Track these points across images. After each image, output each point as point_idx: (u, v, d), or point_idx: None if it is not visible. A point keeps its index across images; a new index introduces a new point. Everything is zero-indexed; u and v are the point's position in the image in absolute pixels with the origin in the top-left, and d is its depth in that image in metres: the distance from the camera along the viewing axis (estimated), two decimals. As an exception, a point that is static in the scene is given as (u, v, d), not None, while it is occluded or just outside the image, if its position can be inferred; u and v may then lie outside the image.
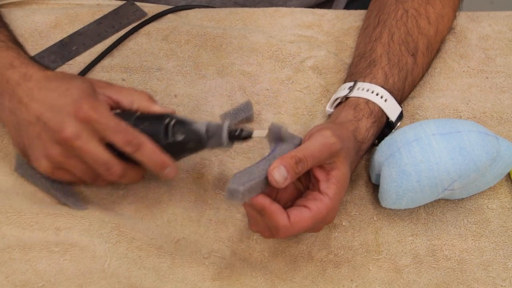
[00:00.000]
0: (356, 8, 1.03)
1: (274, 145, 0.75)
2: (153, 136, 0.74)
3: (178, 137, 0.75)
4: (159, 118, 0.76)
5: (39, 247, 0.77)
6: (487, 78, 0.96)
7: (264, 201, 0.71)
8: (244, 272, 0.79)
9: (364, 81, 0.85)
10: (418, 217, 0.84)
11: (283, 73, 0.95)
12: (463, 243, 0.82)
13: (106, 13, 0.99)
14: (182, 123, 0.75)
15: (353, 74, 0.88)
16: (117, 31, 0.97)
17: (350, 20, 1.02)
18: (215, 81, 0.94)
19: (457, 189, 0.81)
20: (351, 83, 0.86)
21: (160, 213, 0.82)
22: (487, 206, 0.85)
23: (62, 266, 0.76)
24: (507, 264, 0.81)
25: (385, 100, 0.84)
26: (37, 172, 0.80)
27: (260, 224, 0.74)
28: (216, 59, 0.96)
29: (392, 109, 0.85)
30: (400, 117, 0.86)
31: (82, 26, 0.97)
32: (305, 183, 0.77)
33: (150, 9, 1.00)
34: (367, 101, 0.83)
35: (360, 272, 0.80)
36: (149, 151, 0.74)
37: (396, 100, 0.85)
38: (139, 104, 0.77)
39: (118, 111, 0.78)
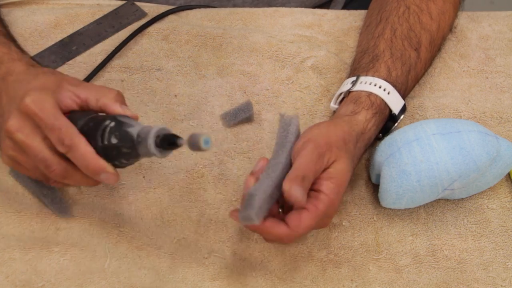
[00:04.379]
0: (354, 9, 1.03)
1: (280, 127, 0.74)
2: (92, 138, 0.70)
3: (112, 140, 0.69)
4: (103, 119, 0.71)
5: (39, 247, 0.77)
6: (487, 78, 0.96)
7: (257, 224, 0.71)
8: (244, 272, 0.79)
9: (366, 75, 0.86)
10: (418, 217, 0.84)
11: (283, 73, 0.95)
12: (463, 243, 0.82)
13: (106, 13, 0.99)
14: (119, 126, 0.69)
15: (356, 69, 0.89)
16: (117, 31, 0.97)
17: (350, 20, 1.02)
18: (215, 81, 0.94)
19: (457, 189, 0.81)
20: (354, 78, 0.86)
21: (160, 213, 0.82)
22: (487, 206, 0.85)
23: (62, 266, 0.76)
24: (507, 264, 0.81)
25: (388, 93, 0.84)
26: (28, 177, 0.80)
27: (268, 239, 0.75)
28: (216, 59, 0.96)
29: (395, 102, 0.85)
30: (403, 110, 0.86)
31: (82, 26, 0.97)
32: None
33: (150, 9, 1.00)
34: (369, 94, 0.84)
35: (360, 272, 0.80)
36: (82, 153, 0.69)
37: (400, 93, 0.85)
38: (103, 102, 0.72)
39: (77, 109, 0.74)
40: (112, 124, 0.69)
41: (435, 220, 0.84)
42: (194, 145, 0.65)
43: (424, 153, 0.79)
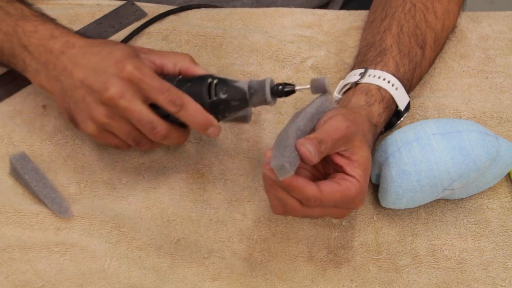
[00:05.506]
0: (353, 9, 1.03)
1: (319, 98, 0.76)
2: (196, 96, 0.75)
3: (221, 96, 0.75)
4: (201, 78, 0.77)
5: (39, 247, 0.77)
6: (487, 78, 0.96)
7: (290, 177, 0.70)
8: (244, 272, 0.79)
9: (375, 69, 0.85)
10: (418, 217, 0.84)
11: (283, 73, 0.95)
12: (463, 243, 0.82)
13: (106, 13, 0.99)
14: (224, 82, 0.76)
15: (362, 62, 0.88)
16: (117, 31, 0.97)
17: (350, 20, 1.02)
18: (215, 81, 0.94)
19: (457, 189, 0.81)
20: (362, 70, 0.86)
21: (160, 213, 0.82)
22: (487, 206, 0.85)
23: (62, 266, 0.76)
24: (507, 264, 0.81)
25: (396, 89, 0.84)
26: (28, 177, 0.80)
27: (288, 203, 0.73)
28: (216, 59, 0.96)
29: (401, 98, 0.85)
30: (408, 107, 0.86)
31: (82, 26, 0.97)
32: (325, 171, 0.77)
33: (150, 9, 1.00)
34: (379, 88, 0.84)
35: (360, 272, 0.80)
36: (192, 110, 0.75)
37: (405, 89, 0.86)
38: (182, 65, 0.79)
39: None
40: (216, 81, 0.76)
41: (435, 220, 0.84)
42: (319, 88, 0.74)
43: (424, 153, 0.79)
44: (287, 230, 0.82)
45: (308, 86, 0.74)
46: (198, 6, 1.02)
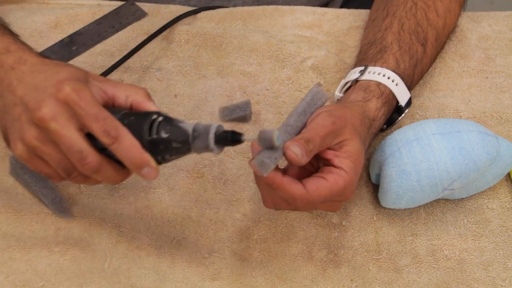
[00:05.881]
0: (351, 8, 1.03)
1: (311, 91, 0.74)
2: (137, 131, 0.69)
3: (162, 134, 0.68)
4: (146, 114, 0.71)
5: (39, 247, 0.77)
6: (487, 78, 0.96)
7: (275, 175, 0.70)
8: (244, 272, 0.79)
9: (375, 65, 0.86)
10: (418, 217, 0.84)
11: (283, 73, 0.95)
12: (463, 243, 0.82)
13: (106, 13, 0.99)
14: (169, 121, 0.70)
15: (363, 60, 0.89)
16: (117, 31, 0.97)
17: (350, 20, 1.02)
18: (215, 81, 0.94)
19: (457, 189, 0.81)
20: (362, 67, 0.86)
21: (160, 213, 0.82)
22: (487, 206, 0.85)
23: (62, 266, 0.76)
24: (507, 264, 0.81)
25: (396, 84, 0.84)
26: (28, 177, 0.80)
27: (276, 199, 0.73)
28: (216, 59, 0.96)
29: (402, 93, 0.85)
30: (409, 103, 0.86)
31: (82, 26, 0.97)
32: (318, 166, 0.76)
33: (150, 8, 1.00)
34: (378, 84, 0.84)
35: (360, 272, 0.80)
36: (127, 145, 0.68)
37: (406, 85, 0.86)
38: (134, 99, 0.72)
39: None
40: (160, 118, 0.69)
41: (435, 220, 0.84)
42: (267, 141, 0.67)
43: (424, 153, 0.79)
44: (287, 230, 0.82)
45: (255, 138, 0.68)
46: (212, 8, 1.01)
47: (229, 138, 0.68)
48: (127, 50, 0.95)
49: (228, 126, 0.89)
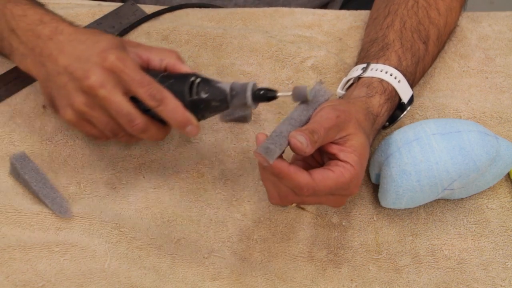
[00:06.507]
0: (353, 9, 1.03)
1: (314, 87, 0.76)
2: (178, 93, 0.75)
3: (202, 95, 0.75)
4: (184, 76, 0.76)
5: (39, 247, 0.77)
6: (487, 78, 0.96)
7: (281, 164, 0.70)
8: (244, 272, 0.79)
9: (377, 63, 0.86)
10: (418, 217, 0.84)
11: (283, 73, 0.95)
12: (463, 243, 0.82)
13: (106, 13, 0.99)
14: (207, 82, 0.75)
15: (365, 58, 0.89)
16: (117, 31, 0.97)
17: (350, 20, 1.02)
18: (215, 81, 0.94)
19: (457, 189, 0.81)
20: (364, 65, 0.86)
21: (160, 213, 0.82)
22: (487, 206, 0.85)
23: (62, 266, 0.76)
24: (506, 264, 0.81)
25: (399, 82, 0.84)
26: (28, 177, 0.80)
27: (282, 191, 0.73)
28: (216, 59, 0.96)
29: (404, 90, 0.85)
30: (411, 100, 0.86)
31: (82, 26, 0.97)
32: (323, 162, 0.77)
33: (150, 9, 1.00)
34: (381, 80, 0.84)
35: (360, 272, 0.80)
36: (171, 106, 0.74)
37: (409, 83, 0.86)
38: (168, 62, 0.78)
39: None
40: (198, 80, 0.75)
41: (435, 220, 0.84)
42: (301, 95, 0.73)
43: (424, 153, 0.79)
44: (287, 230, 0.82)
45: (290, 93, 0.74)
46: (198, 6, 1.02)
47: (265, 95, 0.74)
48: (127, 50, 0.96)
49: (228, 126, 0.89)
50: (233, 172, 0.86)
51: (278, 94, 0.74)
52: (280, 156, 0.71)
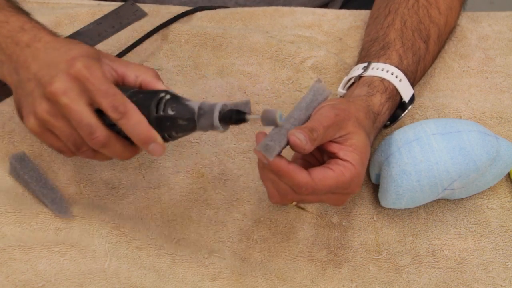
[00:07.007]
0: (353, 8, 1.03)
1: (314, 87, 0.75)
2: (144, 108, 0.71)
3: (168, 112, 0.71)
4: (155, 92, 0.73)
5: (39, 247, 0.77)
6: (487, 78, 0.96)
7: (280, 161, 0.70)
8: (244, 272, 0.79)
9: (378, 62, 0.86)
10: (418, 217, 0.84)
11: (283, 73, 0.95)
12: (463, 243, 0.82)
13: (106, 13, 0.99)
14: (176, 99, 0.72)
15: (366, 57, 0.89)
16: (117, 31, 0.97)
17: (350, 20, 1.02)
18: (215, 81, 0.94)
19: (457, 189, 0.81)
20: (365, 64, 0.86)
21: (160, 213, 0.82)
22: (487, 206, 0.85)
23: (62, 266, 0.76)
24: (507, 264, 0.81)
25: (400, 80, 0.85)
26: (28, 177, 0.80)
27: (282, 189, 0.73)
28: (216, 59, 0.96)
29: (405, 89, 0.85)
30: (412, 99, 0.87)
31: (82, 26, 0.97)
32: (320, 160, 0.77)
33: (150, 8, 1.00)
34: (382, 79, 0.84)
35: (360, 272, 0.80)
36: (134, 121, 0.70)
37: (409, 82, 0.86)
38: (143, 79, 0.75)
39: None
40: (168, 96, 0.71)
41: (435, 220, 0.84)
42: (270, 119, 0.70)
43: (424, 153, 0.79)
44: (287, 230, 0.82)
45: (259, 116, 0.71)
46: (207, 8, 1.01)
47: (234, 117, 0.70)
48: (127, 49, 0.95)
49: (233, 129, 0.89)
50: (233, 172, 0.86)
51: (247, 117, 0.70)
52: (280, 155, 0.71)
